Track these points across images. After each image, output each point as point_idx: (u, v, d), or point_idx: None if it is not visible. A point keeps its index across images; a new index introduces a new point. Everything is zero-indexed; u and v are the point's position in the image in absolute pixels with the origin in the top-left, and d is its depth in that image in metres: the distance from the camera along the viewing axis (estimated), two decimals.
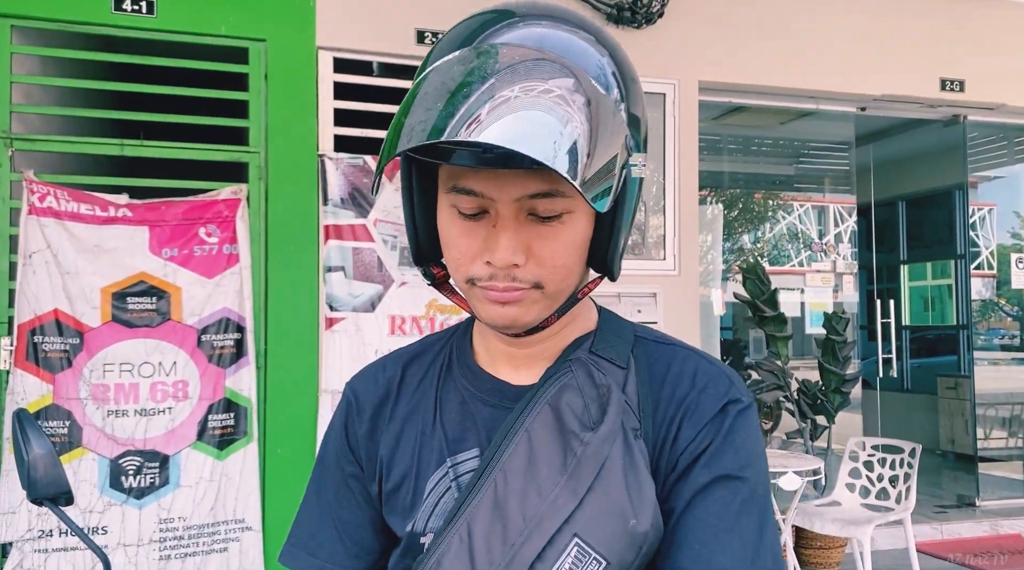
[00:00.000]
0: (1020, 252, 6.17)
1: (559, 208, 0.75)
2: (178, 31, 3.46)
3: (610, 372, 0.82)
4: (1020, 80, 4.86)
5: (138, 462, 3.27)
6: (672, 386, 0.83)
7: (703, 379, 0.83)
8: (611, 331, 0.87)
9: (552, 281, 0.78)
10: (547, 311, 0.80)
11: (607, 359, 0.84)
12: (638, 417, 0.80)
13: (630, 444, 0.78)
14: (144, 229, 3.35)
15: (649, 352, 0.86)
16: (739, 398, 0.82)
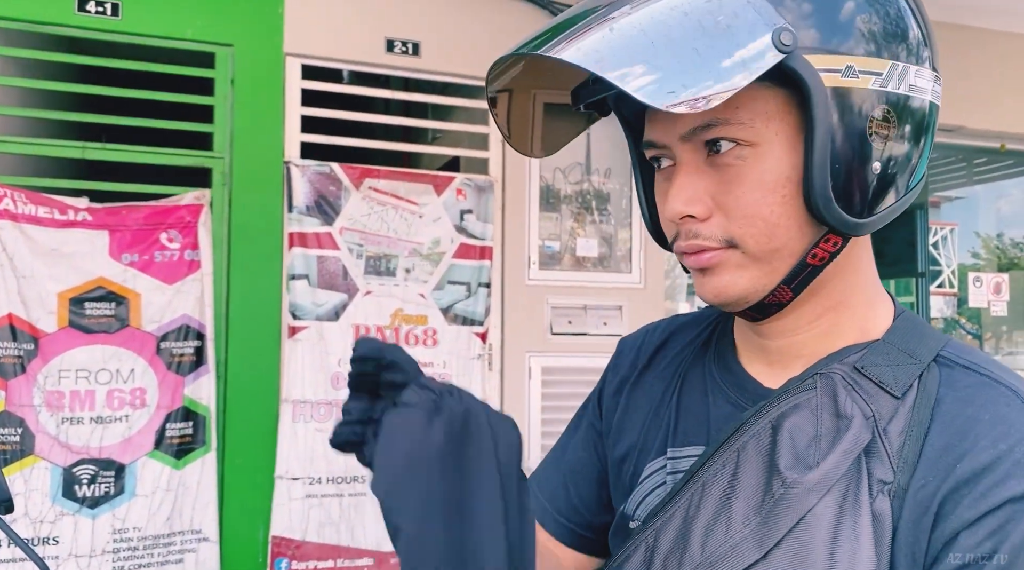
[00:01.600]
0: (979, 271, 6.31)
1: (731, 134, 0.63)
2: (143, 34, 3.42)
3: (876, 400, 0.64)
4: (979, 103, 4.98)
5: (93, 471, 3.21)
6: (960, 436, 0.61)
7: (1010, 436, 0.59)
8: (900, 343, 0.67)
9: (750, 236, 0.64)
10: (765, 280, 0.66)
11: (876, 381, 0.65)
12: (894, 467, 0.61)
13: (857, 502, 0.61)
14: (104, 233, 3.30)
15: (949, 381, 0.64)
16: None
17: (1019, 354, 6.79)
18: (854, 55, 0.61)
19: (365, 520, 3.60)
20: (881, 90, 0.62)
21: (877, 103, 0.62)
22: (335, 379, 3.59)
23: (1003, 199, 7.30)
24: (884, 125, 0.63)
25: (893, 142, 0.64)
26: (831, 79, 0.60)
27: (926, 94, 0.66)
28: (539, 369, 3.98)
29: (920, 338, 0.68)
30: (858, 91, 0.61)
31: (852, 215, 0.64)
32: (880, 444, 0.62)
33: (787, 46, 0.58)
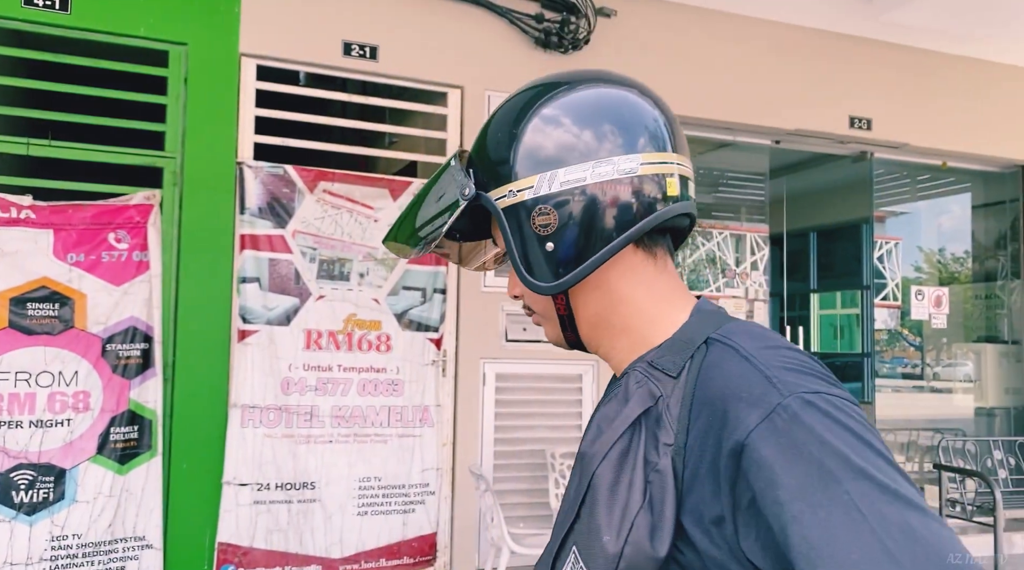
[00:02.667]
0: (921, 285, 6.50)
1: (500, 249, 0.98)
2: (93, 29, 3.36)
3: (663, 382, 0.81)
4: (922, 122, 5.14)
5: (31, 476, 3.11)
6: (707, 394, 0.77)
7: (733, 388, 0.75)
8: (683, 336, 0.84)
9: (531, 303, 0.96)
10: (555, 330, 0.95)
11: (661, 369, 0.82)
12: (675, 431, 0.77)
13: (635, 463, 0.77)
14: (48, 232, 3.22)
15: (710, 354, 0.80)
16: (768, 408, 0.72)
17: (959, 365, 7.00)
18: (512, 182, 0.87)
19: (313, 526, 3.56)
20: (535, 196, 0.86)
21: (534, 206, 0.86)
22: (285, 384, 3.55)
23: (945, 215, 7.54)
24: (545, 217, 0.86)
25: (561, 224, 0.86)
26: (502, 202, 0.88)
27: (582, 182, 0.85)
28: (493, 375, 3.98)
29: (701, 327, 0.84)
30: (519, 204, 0.87)
31: (548, 281, 0.88)
32: (664, 416, 0.78)
33: (467, 197, 0.90)
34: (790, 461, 0.68)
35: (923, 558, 0.63)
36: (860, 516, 0.65)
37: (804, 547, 0.65)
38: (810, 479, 0.67)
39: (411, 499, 3.75)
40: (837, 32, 4.89)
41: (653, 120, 0.90)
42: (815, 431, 0.69)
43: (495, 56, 4.06)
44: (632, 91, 0.90)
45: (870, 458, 0.68)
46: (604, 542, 0.76)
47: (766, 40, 4.71)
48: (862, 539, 0.64)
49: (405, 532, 3.73)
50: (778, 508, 0.67)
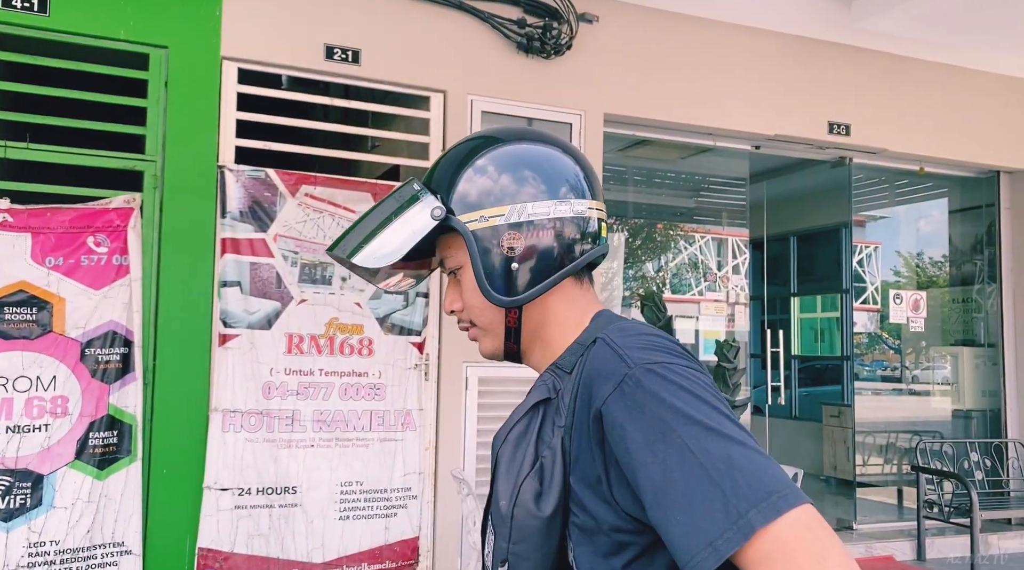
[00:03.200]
0: (900, 289, 6.56)
1: (452, 266, 1.08)
2: (73, 32, 3.33)
3: (562, 378, 0.98)
4: (900, 127, 5.20)
5: (8, 482, 3.08)
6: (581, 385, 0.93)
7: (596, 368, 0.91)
8: (580, 340, 1.00)
9: (476, 317, 1.07)
10: (496, 341, 1.07)
11: (561, 368, 0.99)
12: (564, 415, 0.93)
13: (528, 444, 0.95)
14: (26, 236, 3.19)
15: (592, 351, 0.95)
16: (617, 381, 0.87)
17: (937, 368, 7.07)
18: (484, 209, 1.02)
19: (295, 531, 3.55)
20: (506, 223, 1.01)
21: (504, 231, 1.01)
22: (267, 388, 3.54)
23: (923, 220, 7.63)
24: (514, 240, 1.01)
25: (527, 248, 1.01)
26: (473, 225, 1.01)
27: (547, 216, 1.02)
28: (476, 379, 3.99)
29: (593, 330, 1.00)
30: (489, 228, 1.01)
31: (508, 296, 1.02)
32: (560, 404, 0.95)
33: (439, 217, 1.01)
34: (635, 419, 0.83)
35: (742, 482, 0.75)
36: (690, 454, 0.78)
37: (650, 488, 0.79)
38: (652, 431, 0.81)
39: (393, 503, 3.74)
40: (816, 39, 4.94)
41: (587, 173, 1.08)
42: (654, 392, 0.83)
43: (478, 61, 4.07)
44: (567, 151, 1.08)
45: (701, 408, 0.81)
46: (501, 506, 0.94)
47: (746, 46, 4.76)
48: (692, 472, 0.77)
49: (387, 536, 3.72)
50: (629, 458, 0.82)
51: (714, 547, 0.74)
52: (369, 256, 1.03)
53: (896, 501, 6.40)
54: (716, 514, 0.74)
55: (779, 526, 0.73)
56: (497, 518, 0.94)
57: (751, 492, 0.74)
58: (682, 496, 0.77)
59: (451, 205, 1.02)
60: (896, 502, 6.38)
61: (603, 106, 4.35)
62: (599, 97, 4.33)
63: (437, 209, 1.02)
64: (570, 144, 1.11)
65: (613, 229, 6.26)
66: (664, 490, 0.78)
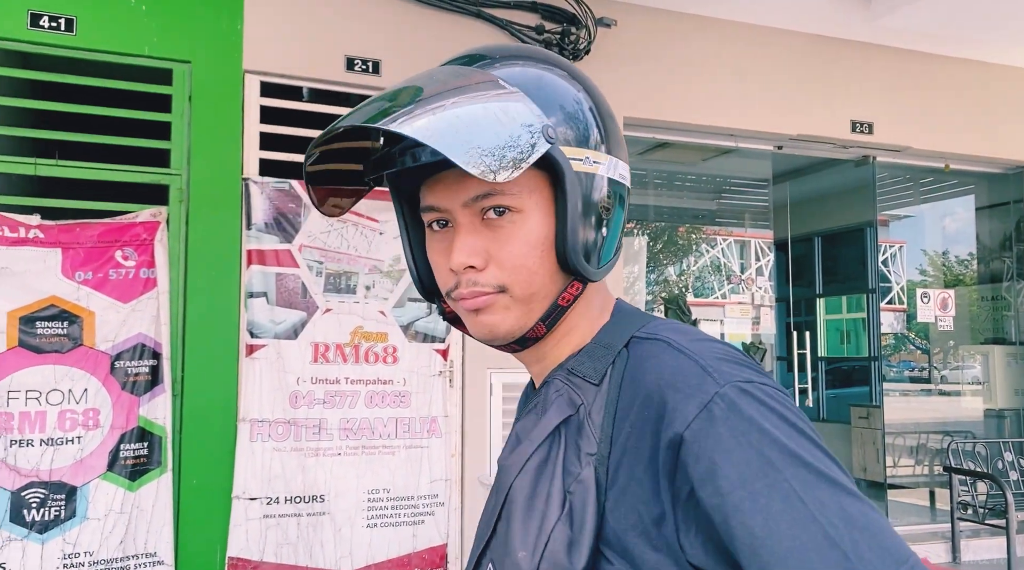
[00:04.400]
0: (927, 288, 6.49)
1: (506, 204, 0.78)
2: (99, 50, 3.39)
3: (584, 390, 0.78)
4: (924, 125, 5.15)
5: (43, 494, 3.13)
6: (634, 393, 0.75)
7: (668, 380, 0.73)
8: (603, 339, 0.82)
9: (516, 283, 0.79)
10: (526, 318, 0.81)
11: (581, 376, 0.79)
12: (597, 440, 0.74)
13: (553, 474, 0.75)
14: (56, 251, 3.24)
15: (634, 354, 0.78)
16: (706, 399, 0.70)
17: (967, 368, 6.98)
18: (590, 149, 0.80)
19: (323, 539, 3.57)
20: (605, 175, 0.82)
21: (605, 185, 0.81)
22: (294, 398, 3.56)
23: (948, 218, 7.54)
24: (607, 201, 0.82)
25: (611, 214, 0.83)
26: (577, 165, 0.79)
27: (625, 180, 0.85)
28: (500, 385, 3.99)
29: (620, 328, 0.82)
30: (593, 176, 0.80)
31: (591, 267, 0.81)
32: (587, 424, 0.76)
33: (552, 139, 0.76)
34: (729, 450, 0.67)
35: (863, 543, 0.63)
36: (800, 504, 0.65)
37: (747, 537, 0.65)
38: (750, 468, 0.66)
39: (420, 510, 3.75)
40: (836, 37, 4.91)
41: None
42: (753, 420, 0.68)
43: None
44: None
45: (805, 445, 0.68)
46: (519, 558, 0.74)
47: (766, 46, 4.74)
48: (804, 526, 0.64)
49: (415, 543, 3.73)
50: (719, 498, 0.66)
51: None
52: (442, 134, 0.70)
53: (928, 503, 6.31)
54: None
55: None
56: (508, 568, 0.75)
57: (878, 561, 0.63)
58: (792, 555, 0.63)
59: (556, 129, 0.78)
60: (928, 504, 6.29)
61: (623, 110, 4.34)
62: (619, 101, 4.33)
63: (551, 129, 0.76)
64: None
65: (634, 233, 6.25)
66: (767, 544, 0.64)
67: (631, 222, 6.16)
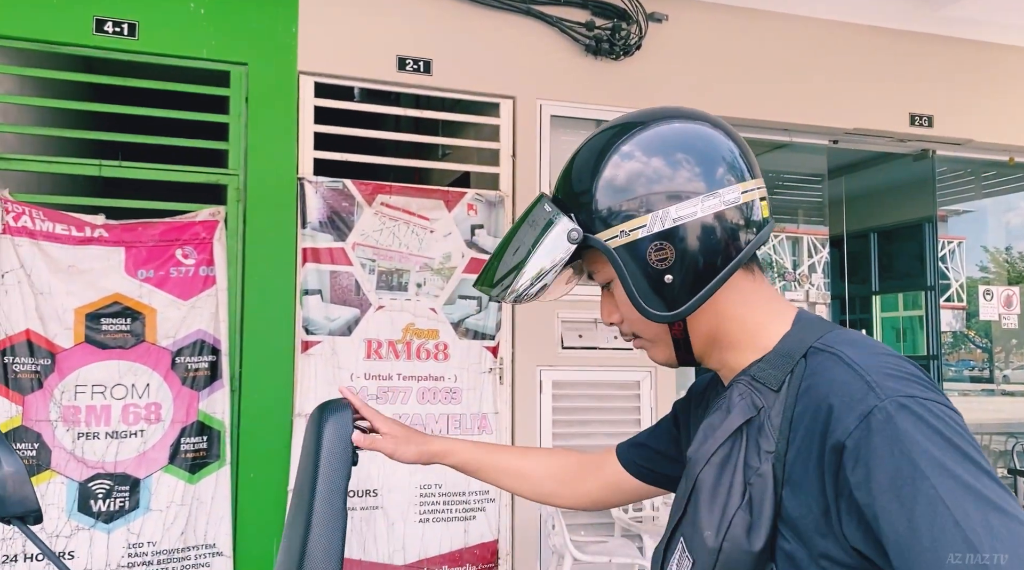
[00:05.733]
0: (988, 285, 6.30)
1: (601, 281, 1.00)
2: (159, 54, 3.48)
3: (765, 395, 0.89)
4: (986, 116, 5.00)
5: (108, 485, 3.23)
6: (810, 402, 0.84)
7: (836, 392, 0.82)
8: (784, 348, 0.92)
9: (639, 330, 1.00)
10: (666, 352, 1.00)
11: (762, 382, 0.91)
12: (775, 440, 0.86)
13: (736, 468, 0.87)
14: (120, 250, 3.34)
15: (811, 365, 0.88)
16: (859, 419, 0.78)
17: None
18: (622, 224, 0.92)
19: (377, 534, 3.61)
20: (649, 234, 0.92)
21: (650, 242, 0.92)
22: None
23: (1012, 212, 7.30)
24: (661, 252, 0.92)
25: (679, 257, 0.92)
26: (613, 242, 0.93)
27: (695, 216, 0.92)
28: (550, 383, 3.99)
29: (801, 338, 0.91)
30: (632, 243, 0.92)
31: (669, 311, 0.93)
32: (766, 425, 0.87)
33: (576, 239, 0.94)
34: (883, 458, 0.75)
35: (1001, 552, 0.67)
36: (944, 509, 0.71)
37: (893, 536, 0.73)
38: (900, 475, 0.74)
39: (472, 506, 3.77)
40: (894, 28, 4.79)
41: (730, 151, 0.96)
42: (907, 432, 0.75)
43: (546, 65, 4.08)
44: (706, 124, 0.98)
45: (957, 459, 0.74)
46: (705, 537, 0.86)
47: (820, 39, 4.64)
48: (945, 530, 0.70)
49: (467, 539, 3.75)
50: (871, 500, 0.75)
51: None
52: (518, 292, 0.96)
53: None
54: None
55: None
56: (698, 546, 0.88)
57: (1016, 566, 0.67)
58: (932, 553, 0.70)
59: (589, 222, 0.94)
60: None
61: (673, 104, 4.30)
62: (670, 97, 4.29)
63: (574, 232, 0.94)
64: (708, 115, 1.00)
65: None
66: (910, 544, 0.72)
67: None
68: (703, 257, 0.92)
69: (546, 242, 0.94)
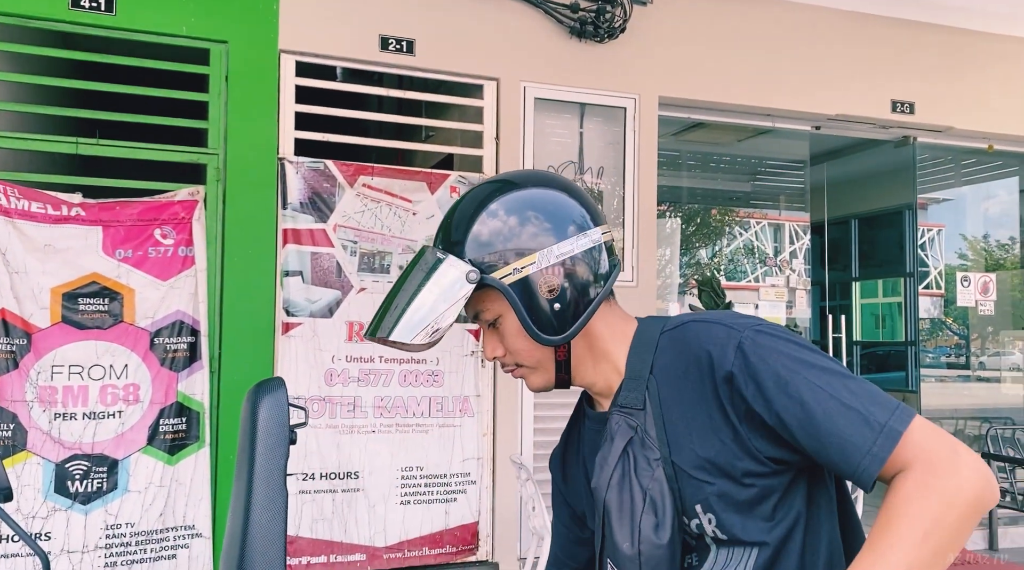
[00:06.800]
0: (966, 272, 6.36)
1: (490, 318, 1.09)
2: (138, 30, 3.43)
3: (635, 416, 1.06)
4: (967, 104, 5.03)
5: (85, 466, 3.20)
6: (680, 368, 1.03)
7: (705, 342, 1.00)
8: (633, 372, 1.08)
9: (523, 359, 1.10)
10: (546, 375, 1.12)
11: (629, 408, 1.07)
12: (657, 448, 1.03)
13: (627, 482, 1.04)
14: (98, 229, 3.30)
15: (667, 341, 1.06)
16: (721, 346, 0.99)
17: (1007, 354, 6.85)
18: (512, 262, 1.04)
19: (358, 515, 3.61)
20: (540, 269, 1.04)
21: (541, 276, 1.04)
22: (329, 375, 3.60)
23: (990, 200, 7.37)
24: (551, 283, 1.04)
25: (563, 287, 1.05)
26: (507, 279, 1.03)
27: (574, 251, 1.06)
28: None
29: (640, 357, 1.08)
30: (524, 278, 1.04)
31: (556, 335, 1.05)
32: (646, 439, 1.04)
33: (474, 280, 1.02)
34: (764, 371, 0.96)
35: (868, 402, 0.91)
36: (819, 389, 0.93)
37: (796, 424, 0.93)
38: (781, 378, 0.95)
39: (453, 488, 3.78)
40: (877, 15, 4.80)
41: (585, 203, 1.11)
42: (772, 347, 0.97)
43: (530, 47, 4.06)
44: (562, 190, 1.11)
45: (807, 354, 0.97)
46: (623, 549, 1.04)
47: (804, 24, 4.65)
48: (827, 403, 0.92)
49: (448, 521, 3.76)
50: (769, 404, 0.95)
51: (872, 455, 0.89)
52: (409, 329, 1.03)
53: None
54: (862, 429, 0.90)
55: (913, 429, 0.89)
56: (622, 560, 1.05)
57: (880, 408, 0.91)
58: (826, 421, 0.92)
59: (478, 264, 1.04)
60: None
61: (658, 89, 4.30)
62: (654, 80, 4.29)
63: (472, 272, 1.03)
64: (556, 177, 1.16)
65: (667, 215, 6.19)
66: (810, 422, 0.92)
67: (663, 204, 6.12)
68: (583, 285, 1.06)
69: (440, 280, 1.03)
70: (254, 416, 0.97)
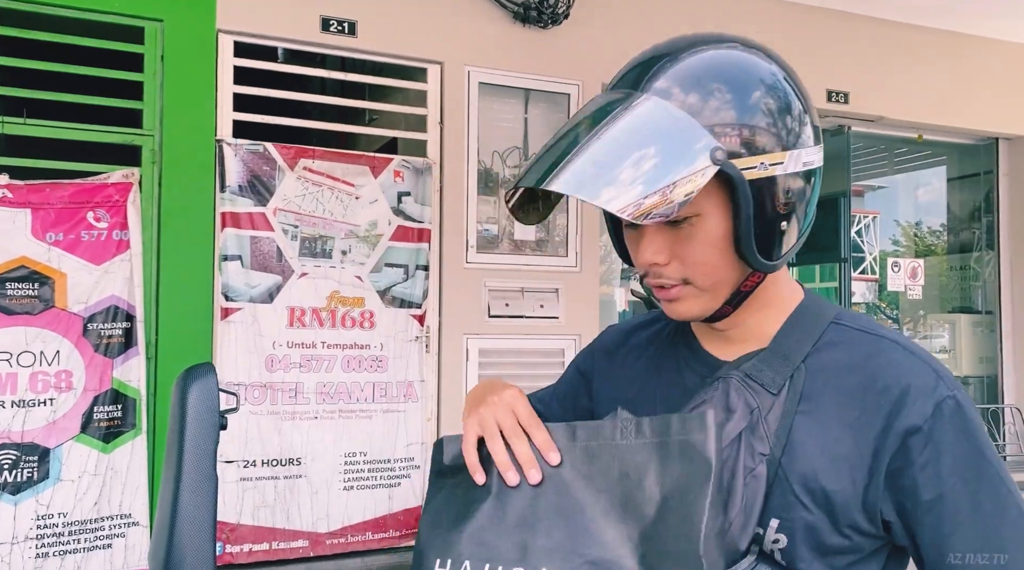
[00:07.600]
0: (898, 257, 6.57)
1: (683, 213, 0.84)
2: (68, 6, 3.31)
3: (760, 396, 0.89)
4: (899, 94, 5.19)
5: (14, 456, 3.11)
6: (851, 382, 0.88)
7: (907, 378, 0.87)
8: (781, 348, 0.91)
9: (698, 277, 0.88)
10: (711, 303, 0.90)
11: (759, 383, 0.90)
12: (770, 444, 0.87)
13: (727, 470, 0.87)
14: (26, 211, 3.19)
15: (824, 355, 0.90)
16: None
17: (935, 337, 7.11)
18: (764, 154, 0.84)
19: (300, 502, 3.59)
20: (784, 174, 0.85)
21: (782, 183, 0.85)
22: (269, 361, 3.56)
23: (922, 188, 7.61)
24: (788, 196, 0.86)
25: (793, 205, 0.87)
26: (750, 174, 0.83)
27: (813, 165, 0.89)
28: (476, 351, 4.01)
29: (800, 337, 0.91)
30: (768, 178, 0.84)
31: (769, 260, 0.87)
32: (760, 427, 0.87)
33: (719, 160, 0.80)
34: (951, 444, 0.84)
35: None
36: (1003, 486, 0.84)
37: (953, 511, 0.83)
38: (965, 460, 0.84)
39: (397, 473, 3.78)
40: (813, 5, 4.91)
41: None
42: (970, 424, 0.85)
43: (474, 31, 4.05)
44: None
45: (994, 456, 0.86)
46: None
47: (745, 13, 4.73)
48: (1006, 500, 0.83)
49: (391, 506, 3.77)
50: (937, 481, 0.83)
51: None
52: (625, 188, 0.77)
53: None
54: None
55: None
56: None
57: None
58: (991, 517, 0.83)
59: (726, 142, 0.82)
60: None
61: (601, 75, 4.33)
62: (597, 66, 4.31)
63: (719, 150, 0.80)
64: None
65: None
66: (970, 515, 0.83)
67: None
68: (806, 209, 0.89)
69: (671, 152, 0.79)
70: (183, 402, 0.97)
